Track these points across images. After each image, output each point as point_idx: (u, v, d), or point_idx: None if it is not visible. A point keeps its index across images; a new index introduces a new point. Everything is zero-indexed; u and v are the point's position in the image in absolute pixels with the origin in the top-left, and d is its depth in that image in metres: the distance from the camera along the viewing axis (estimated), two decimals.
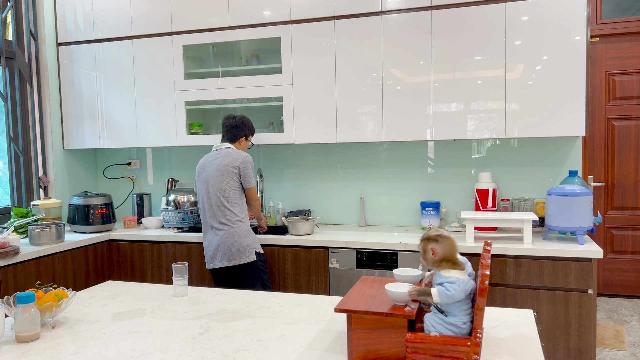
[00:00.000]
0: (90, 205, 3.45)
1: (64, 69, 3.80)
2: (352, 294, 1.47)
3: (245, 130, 3.05)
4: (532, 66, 2.87)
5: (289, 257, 3.08)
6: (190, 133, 3.60)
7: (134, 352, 1.47)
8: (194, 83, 3.49)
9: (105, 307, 1.90)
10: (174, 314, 1.79)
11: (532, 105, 2.88)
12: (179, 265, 2.01)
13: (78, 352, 1.48)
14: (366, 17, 3.11)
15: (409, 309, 1.32)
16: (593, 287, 2.60)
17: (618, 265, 4.57)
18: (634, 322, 3.97)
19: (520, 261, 2.69)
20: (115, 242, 3.45)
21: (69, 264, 3.14)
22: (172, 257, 3.32)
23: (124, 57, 3.65)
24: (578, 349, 2.63)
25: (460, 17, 2.95)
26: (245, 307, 1.86)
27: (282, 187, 3.72)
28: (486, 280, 1.20)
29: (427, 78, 3.03)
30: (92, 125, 3.77)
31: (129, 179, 4.10)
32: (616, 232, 4.55)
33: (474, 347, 1.22)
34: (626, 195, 4.50)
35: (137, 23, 3.58)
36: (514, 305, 2.71)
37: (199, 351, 1.46)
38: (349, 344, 1.37)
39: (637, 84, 4.42)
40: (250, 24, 3.33)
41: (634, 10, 4.42)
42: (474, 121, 2.98)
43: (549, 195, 2.79)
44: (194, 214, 3.51)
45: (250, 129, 3.10)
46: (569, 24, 2.79)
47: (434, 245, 1.33)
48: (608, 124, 4.50)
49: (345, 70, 3.17)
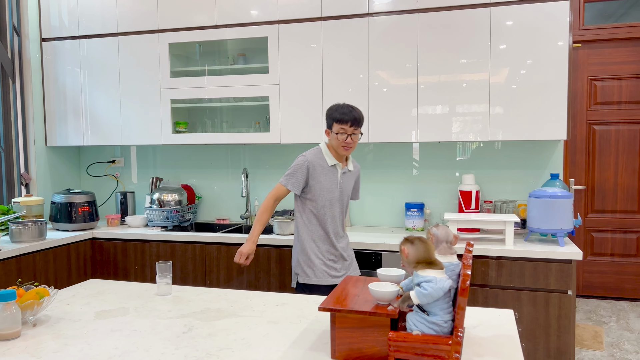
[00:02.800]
0: (73, 203, 3.42)
1: (48, 65, 3.76)
2: (336, 293, 1.48)
3: (327, 120, 2.50)
4: (516, 70, 2.91)
5: (274, 256, 3.09)
6: (176, 131, 3.59)
7: (116, 350, 1.46)
8: (180, 81, 3.47)
9: (87, 305, 1.89)
10: (157, 313, 1.79)
11: (516, 108, 2.92)
12: (163, 264, 2.00)
13: (60, 350, 1.47)
14: (353, 18, 3.12)
15: (392, 308, 1.34)
16: (573, 288, 2.64)
17: (597, 267, 4.65)
18: (612, 323, 4.05)
19: (502, 262, 2.73)
20: (98, 240, 3.42)
21: (50, 263, 3.11)
22: (156, 256, 3.30)
23: (109, 54, 3.61)
24: (557, 349, 2.68)
25: (447, 20, 2.98)
26: (230, 306, 1.86)
27: (268, 187, 3.72)
28: (467, 280, 1.22)
29: (413, 80, 3.06)
30: (76, 122, 3.73)
31: (113, 177, 4.06)
32: (596, 234, 4.63)
33: (455, 345, 1.24)
34: (606, 199, 4.58)
35: (123, 20, 3.55)
36: (496, 305, 2.75)
37: (182, 349, 1.46)
38: (332, 343, 1.38)
39: (617, 89, 4.50)
40: (237, 23, 3.33)
41: (616, 17, 4.51)
42: (459, 124, 3.02)
43: (531, 198, 2.84)
44: (178, 213, 3.50)
45: (330, 117, 2.47)
46: (552, 30, 2.84)
47: (406, 246, 1.36)
48: (589, 129, 4.58)
49: (332, 71, 3.18)
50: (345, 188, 2.59)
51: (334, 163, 2.53)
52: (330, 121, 2.47)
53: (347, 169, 2.59)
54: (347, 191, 2.61)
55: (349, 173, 2.61)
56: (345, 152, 2.49)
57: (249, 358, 1.40)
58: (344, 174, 2.57)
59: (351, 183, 2.63)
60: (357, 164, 2.73)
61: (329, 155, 2.54)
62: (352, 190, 2.67)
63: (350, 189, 2.64)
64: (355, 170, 2.68)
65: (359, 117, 2.45)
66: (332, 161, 2.53)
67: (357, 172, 2.70)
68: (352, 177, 2.64)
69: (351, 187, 2.64)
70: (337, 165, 2.54)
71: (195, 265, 3.23)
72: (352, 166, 2.63)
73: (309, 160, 2.51)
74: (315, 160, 2.52)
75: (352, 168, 2.63)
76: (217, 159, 3.83)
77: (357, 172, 2.70)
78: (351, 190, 2.66)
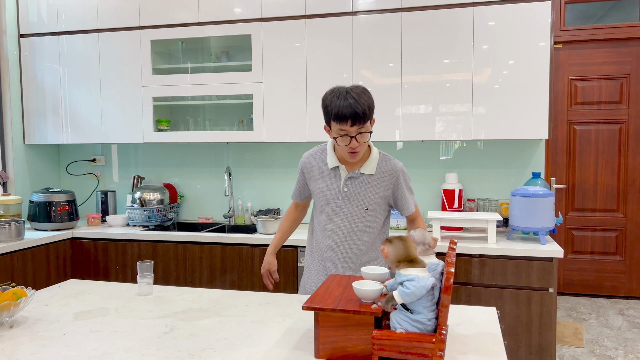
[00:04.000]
0: (52, 202, 3.35)
1: (26, 61, 3.69)
2: (319, 292, 1.47)
3: (324, 114, 1.90)
4: (499, 70, 2.93)
5: (257, 256, 3.07)
6: (158, 129, 3.54)
7: (96, 351, 1.43)
8: (162, 79, 3.43)
9: (66, 306, 1.85)
10: (138, 313, 1.76)
11: (498, 108, 2.95)
12: (144, 264, 1.97)
13: (37, 352, 1.44)
14: (337, 17, 3.12)
15: (376, 307, 1.33)
16: (554, 286, 2.67)
17: (578, 265, 4.72)
18: (592, 320, 4.11)
19: (484, 260, 2.75)
20: (78, 240, 3.36)
21: (28, 263, 3.04)
22: (137, 256, 3.26)
23: (89, 50, 3.56)
24: (539, 346, 2.70)
25: (430, 20, 2.99)
26: (212, 305, 1.84)
27: (251, 186, 3.70)
28: (451, 278, 1.22)
29: (397, 80, 3.06)
30: (55, 120, 3.66)
31: (94, 176, 4.00)
32: (576, 232, 4.70)
33: (438, 343, 1.23)
34: (586, 197, 4.65)
35: (104, 16, 3.50)
36: (479, 303, 2.77)
37: (163, 350, 1.44)
38: (316, 342, 1.37)
39: (597, 89, 4.57)
40: (221, 20, 3.30)
41: (596, 18, 4.57)
42: (442, 123, 3.03)
43: (513, 196, 2.86)
44: (160, 212, 3.45)
45: (326, 112, 1.87)
46: (534, 30, 2.87)
47: (385, 246, 1.36)
48: (570, 128, 4.64)
49: (316, 69, 3.17)
50: (356, 197, 1.95)
51: (334, 165, 1.97)
52: (327, 117, 1.86)
53: (360, 172, 1.95)
54: (364, 202, 1.96)
55: (366, 178, 1.95)
56: (352, 159, 1.88)
57: (231, 358, 1.38)
58: (351, 179, 1.95)
59: (373, 190, 1.96)
60: (391, 163, 1.99)
61: (332, 156, 1.98)
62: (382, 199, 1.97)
63: (373, 198, 1.96)
64: (382, 174, 1.97)
65: (364, 109, 1.78)
66: (334, 162, 1.97)
67: (386, 177, 1.97)
68: (374, 183, 1.96)
69: (376, 196, 1.96)
70: (339, 167, 1.97)
71: (177, 265, 3.19)
72: (372, 168, 1.95)
73: (303, 162, 2.07)
74: (311, 161, 2.03)
75: (371, 171, 1.95)
76: (200, 158, 3.79)
77: (386, 176, 1.97)
78: (380, 200, 1.97)
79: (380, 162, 1.97)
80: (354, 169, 1.95)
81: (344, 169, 1.96)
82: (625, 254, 4.61)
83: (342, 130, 1.81)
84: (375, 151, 1.98)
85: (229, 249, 3.10)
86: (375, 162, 1.96)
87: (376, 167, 1.96)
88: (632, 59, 4.47)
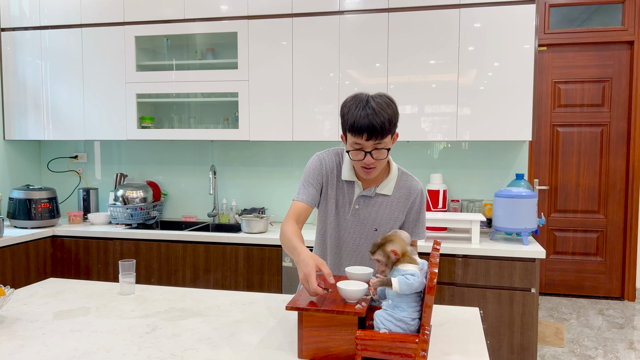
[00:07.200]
0: (32, 199, 3.30)
1: (7, 55, 3.62)
2: (303, 292, 1.47)
3: (341, 122, 1.69)
4: (484, 72, 2.95)
5: (241, 255, 3.05)
6: (141, 127, 3.50)
7: (76, 352, 1.41)
8: (147, 75, 3.39)
9: (46, 305, 1.82)
10: (119, 313, 1.74)
11: (483, 109, 2.97)
12: (126, 263, 1.95)
13: (16, 352, 1.41)
14: (324, 16, 3.11)
15: (360, 307, 1.33)
16: (536, 286, 2.70)
17: (559, 266, 4.78)
18: (572, 320, 4.16)
19: (468, 261, 2.76)
20: (59, 238, 3.31)
21: (7, 261, 2.99)
22: (119, 254, 3.22)
23: (72, 46, 3.50)
24: (521, 345, 2.73)
25: (417, 20, 3.00)
26: (195, 305, 1.82)
27: (236, 185, 3.67)
28: (435, 278, 1.22)
29: (383, 80, 3.07)
30: (37, 116, 3.60)
31: (75, 173, 3.94)
32: (558, 233, 4.76)
33: (421, 343, 1.24)
34: (568, 199, 4.71)
35: (87, 11, 3.45)
36: (462, 303, 2.78)
37: (145, 350, 1.42)
38: (299, 342, 1.36)
39: (580, 92, 4.63)
40: (206, 17, 3.27)
41: (580, 21, 4.63)
42: (427, 124, 3.04)
43: (497, 197, 2.88)
44: (143, 210, 3.42)
45: (343, 120, 1.66)
46: (519, 33, 2.89)
47: (391, 246, 1.36)
48: (553, 130, 4.70)
49: (302, 68, 3.17)
50: (366, 217, 1.76)
51: (350, 179, 1.75)
52: (344, 126, 1.65)
53: (375, 192, 1.74)
54: (374, 223, 1.76)
55: (381, 198, 1.75)
56: (365, 176, 1.68)
57: (214, 358, 1.37)
58: (363, 197, 1.75)
59: (386, 212, 1.75)
60: (410, 183, 1.78)
61: (349, 167, 1.76)
62: (393, 221, 1.77)
63: (385, 220, 1.76)
64: (399, 195, 1.76)
65: (382, 122, 1.56)
66: (349, 175, 1.75)
67: (402, 198, 1.77)
68: (389, 204, 1.75)
69: (388, 218, 1.76)
70: (355, 183, 1.75)
71: (160, 264, 3.16)
72: (390, 189, 1.75)
73: (325, 163, 1.78)
74: (331, 164, 1.78)
75: (388, 191, 1.75)
76: (184, 156, 3.76)
77: (402, 197, 1.77)
78: (392, 223, 1.76)
79: (398, 181, 1.76)
80: (370, 186, 1.75)
81: (360, 185, 1.74)
82: (606, 255, 4.68)
83: (356, 144, 1.61)
84: (395, 168, 1.76)
85: (213, 248, 3.08)
86: (394, 182, 1.75)
87: (394, 187, 1.76)
88: (614, 63, 4.54)
